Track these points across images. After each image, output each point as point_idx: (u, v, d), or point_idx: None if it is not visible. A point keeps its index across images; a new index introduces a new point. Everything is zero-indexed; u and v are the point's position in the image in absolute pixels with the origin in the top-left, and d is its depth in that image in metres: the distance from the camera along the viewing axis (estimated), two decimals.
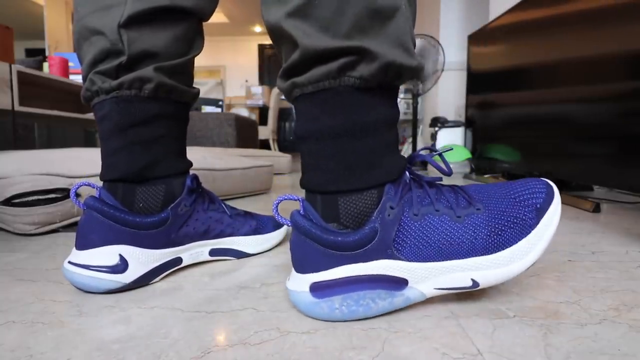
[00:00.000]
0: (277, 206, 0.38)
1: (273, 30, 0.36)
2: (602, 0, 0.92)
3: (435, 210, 0.35)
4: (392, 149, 0.36)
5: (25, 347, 0.30)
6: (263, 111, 4.41)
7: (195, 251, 0.49)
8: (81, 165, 0.76)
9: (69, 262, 0.40)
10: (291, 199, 0.37)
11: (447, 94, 2.84)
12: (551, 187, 0.38)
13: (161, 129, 0.45)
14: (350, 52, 0.32)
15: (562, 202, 1.03)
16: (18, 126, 1.33)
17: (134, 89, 0.43)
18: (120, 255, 0.41)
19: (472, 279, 0.35)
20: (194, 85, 0.50)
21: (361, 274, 0.34)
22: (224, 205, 0.53)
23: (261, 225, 0.56)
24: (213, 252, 0.51)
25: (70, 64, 1.94)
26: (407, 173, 0.38)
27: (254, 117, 4.78)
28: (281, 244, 0.60)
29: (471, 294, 0.40)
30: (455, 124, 2.34)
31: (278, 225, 0.58)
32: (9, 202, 0.63)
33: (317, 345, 0.30)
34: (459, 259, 0.34)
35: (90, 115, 1.80)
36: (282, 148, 6.29)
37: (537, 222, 0.35)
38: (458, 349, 0.29)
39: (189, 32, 0.47)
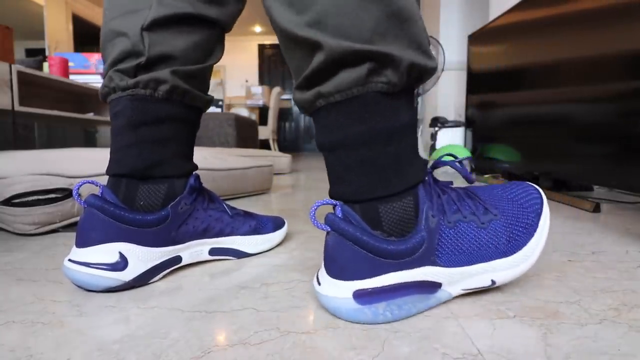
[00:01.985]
0: (314, 212, 0.36)
1: (287, 37, 0.35)
2: (602, 0, 0.92)
3: (463, 217, 0.37)
4: (416, 150, 0.37)
5: (25, 347, 0.30)
6: (263, 111, 4.42)
7: (194, 250, 0.49)
8: (81, 165, 0.76)
9: (69, 260, 0.40)
10: (329, 204, 0.36)
11: (447, 94, 2.85)
12: (540, 192, 0.42)
13: (171, 131, 0.46)
14: (375, 57, 0.32)
15: (562, 202, 1.03)
16: (18, 126, 1.33)
17: (149, 89, 0.44)
18: (120, 253, 0.41)
19: (491, 280, 0.38)
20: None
21: (405, 281, 0.35)
22: (224, 205, 0.53)
23: (261, 225, 0.56)
24: (213, 252, 0.51)
25: (70, 64, 1.94)
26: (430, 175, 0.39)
27: (254, 117, 4.78)
28: (281, 244, 0.60)
29: (471, 294, 0.40)
30: (455, 124, 2.35)
31: (278, 226, 0.58)
32: (9, 202, 0.63)
33: (317, 345, 0.30)
34: (484, 262, 0.37)
35: (90, 115, 1.80)
36: (282, 148, 6.29)
37: (537, 225, 0.39)
38: (458, 349, 0.29)
39: (210, 41, 0.48)
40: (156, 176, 0.45)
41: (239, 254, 0.53)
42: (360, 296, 0.33)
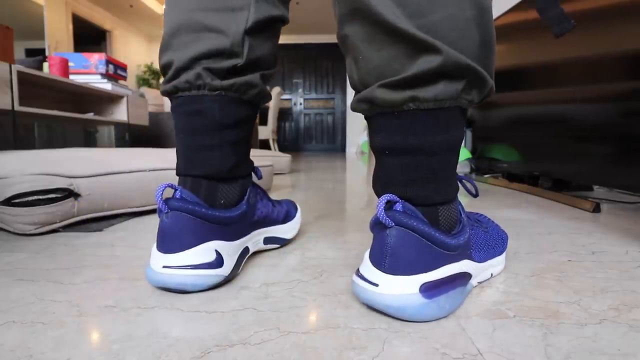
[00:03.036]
0: (383, 206, 0.35)
1: (387, 30, 0.34)
2: (602, 1, 0.92)
3: (475, 221, 0.46)
4: None
5: (25, 347, 0.30)
6: (263, 111, 4.42)
7: (255, 240, 0.52)
8: (81, 165, 0.76)
9: (164, 267, 0.39)
10: (392, 200, 0.36)
11: None
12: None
13: (246, 131, 0.48)
14: (473, 75, 0.34)
15: (562, 202, 1.03)
16: (18, 126, 1.33)
17: (238, 92, 0.45)
18: (216, 251, 0.42)
19: (491, 273, 0.45)
20: None
21: (455, 272, 0.38)
22: (267, 194, 0.56)
23: (287, 210, 0.59)
24: (266, 240, 0.54)
25: (70, 64, 1.94)
26: None
27: None
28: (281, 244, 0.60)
29: (471, 294, 0.40)
30: None
31: (294, 208, 0.62)
32: (9, 202, 0.63)
33: (317, 345, 0.30)
34: (490, 259, 0.44)
35: (90, 115, 1.80)
36: (282, 148, 6.29)
37: (506, 234, 0.50)
38: (458, 349, 0.29)
39: (277, 45, 0.50)
40: (235, 177, 0.47)
41: (282, 241, 0.57)
42: (428, 289, 0.34)
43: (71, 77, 1.94)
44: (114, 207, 0.78)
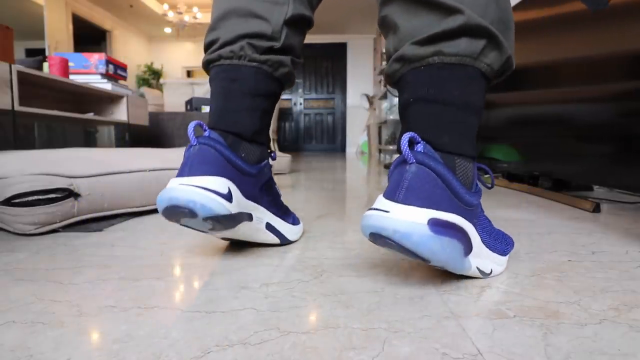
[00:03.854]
0: (407, 143, 0.38)
1: (420, 2, 0.41)
2: None
3: (482, 210, 0.47)
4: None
5: (25, 347, 0.30)
6: None
7: (259, 215, 0.53)
8: (81, 165, 0.76)
9: (181, 184, 0.42)
10: (415, 139, 0.39)
11: None
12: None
13: (270, 105, 0.55)
14: (491, 37, 0.40)
15: (562, 202, 1.03)
16: (18, 126, 1.33)
17: (272, 67, 0.53)
18: (229, 188, 0.45)
19: (491, 268, 0.45)
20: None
21: (464, 227, 0.39)
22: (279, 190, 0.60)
23: (292, 217, 0.62)
24: (268, 227, 0.55)
25: (70, 64, 1.94)
26: None
27: None
28: (281, 245, 0.60)
29: (471, 294, 0.40)
30: None
31: (297, 220, 0.64)
32: (9, 202, 0.63)
33: (317, 345, 0.30)
34: (493, 252, 0.45)
35: (90, 115, 1.80)
36: (282, 148, 6.29)
37: (511, 239, 0.50)
38: (458, 349, 0.29)
39: (303, 41, 0.58)
40: (257, 141, 0.53)
41: (284, 240, 0.58)
42: (435, 225, 0.36)
43: (71, 77, 1.94)
44: (114, 207, 0.78)
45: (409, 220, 0.36)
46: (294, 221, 0.62)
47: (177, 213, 0.43)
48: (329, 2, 4.69)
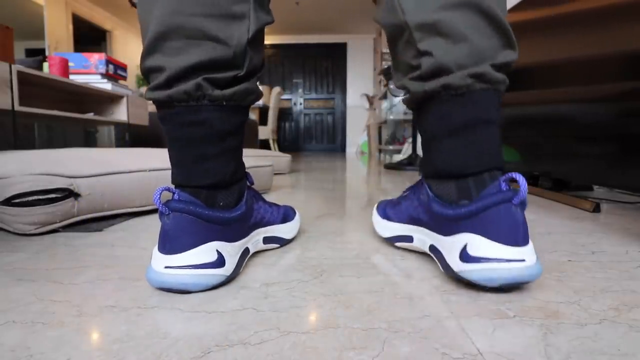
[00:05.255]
0: (506, 184, 0.41)
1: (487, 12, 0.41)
2: (601, 1, 0.92)
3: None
4: None
5: (25, 347, 0.30)
6: (263, 111, 4.41)
7: (254, 240, 0.52)
8: (81, 165, 0.76)
9: (166, 267, 0.39)
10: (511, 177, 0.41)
11: None
12: None
13: (242, 135, 0.48)
14: (507, 67, 0.43)
15: (562, 202, 1.03)
16: (18, 126, 1.33)
17: (240, 99, 0.44)
18: (217, 251, 0.42)
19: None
20: None
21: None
22: (261, 196, 0.57)
23: (285, 212, 0.60)
24: (265, 240, 0.55)
25: (70, 64, 1.94)
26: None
27: (254, 117, 4.78)
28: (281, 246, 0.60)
29: (471, 294, 0.40)
30: None
31: (292, 211, 0.62)
32: (9, 202, 0.63)
33: (317, 345, 0.30)
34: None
35: (90, 115, 1.80)
36: (282, 148, 6.29)
37: None
38: (458, 349, 0.29)
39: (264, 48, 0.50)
40: (234, 181, 0.47)
41: (281, 241, 0.58)
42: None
43: (71, 77, 1.94)
44: (114, 207, 0.78)
45: (535, 259, 0.39)
46: (287, 217, 0.59)
47: (172, 290, 0.41)
48: (329, 2, 4.69)
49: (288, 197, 1.13)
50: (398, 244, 0.56)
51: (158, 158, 0.94)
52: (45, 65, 1.75)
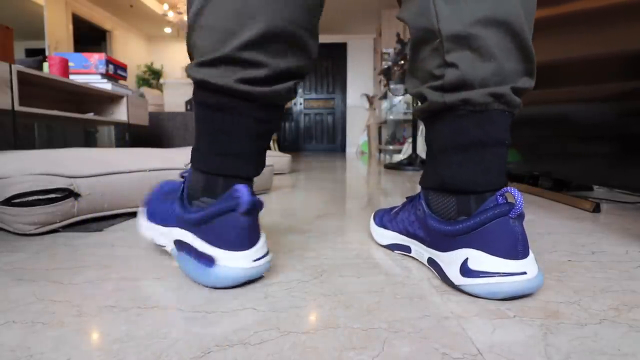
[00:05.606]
0: (504, 199, 0.41)
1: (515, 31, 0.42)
2: (601, 1, 0.92)
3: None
4: None
5: (25, 347, 0.30)
6: None
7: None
8: (81, 165, 0.76)
9: (254, 260, 0.42)
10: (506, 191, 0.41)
11: None
12: None
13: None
14: (524, 93, 0.43)
15: (562, 202, 1.03)
16: (18, 126, 1.33)
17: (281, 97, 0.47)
18: (264, 241, 0.45)
19: None
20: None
21: None
22: None
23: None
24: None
25: (70, 64, 1.94)
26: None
27: None
28: (280, 246, 0.60)
29: (471, 294, 0.40)
30: None
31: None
32: (9, 202, 0.63)
33: (317, 345, 0.30)
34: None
35: (90, 115, 1.80)
36: (282, 148, 6.29)
37: None
38: (458, 349, 0.29)
39: None
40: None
41: None
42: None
43: (71, 77, 1.94)
44: (114, 207, 0.78)
45: (536, 270, 0.39)
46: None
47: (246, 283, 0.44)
48: (329, 2, 4.69)
49: (288, 197, 1.13)
50: (396, 252, 0.56)
51: (158, 158, 0.94)
52: (45, 65, 1.75)
